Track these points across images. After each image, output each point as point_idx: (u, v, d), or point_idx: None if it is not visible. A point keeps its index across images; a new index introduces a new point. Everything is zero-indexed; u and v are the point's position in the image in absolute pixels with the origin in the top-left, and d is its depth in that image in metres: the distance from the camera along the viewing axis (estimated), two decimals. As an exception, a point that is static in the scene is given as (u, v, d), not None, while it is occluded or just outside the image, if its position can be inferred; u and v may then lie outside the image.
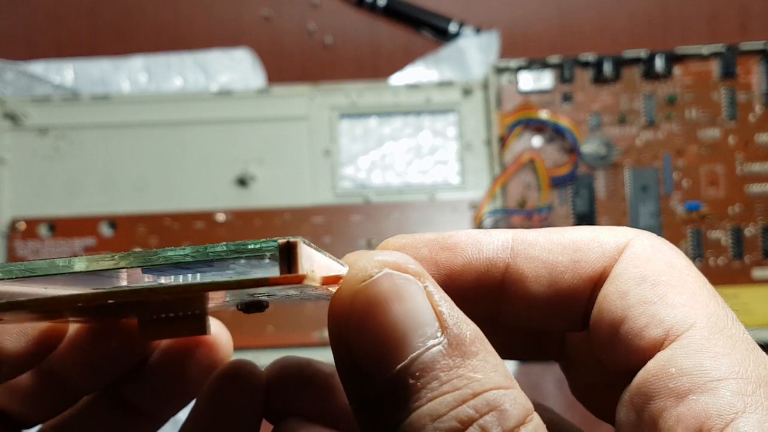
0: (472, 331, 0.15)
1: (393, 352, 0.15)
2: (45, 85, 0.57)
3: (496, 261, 0.18)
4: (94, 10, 0.60)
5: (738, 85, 0.55)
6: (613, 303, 0.17)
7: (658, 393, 0.15)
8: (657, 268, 0.17)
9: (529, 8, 0.59)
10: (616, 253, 0.17)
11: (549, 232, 0.18)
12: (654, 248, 0.17)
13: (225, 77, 0.58)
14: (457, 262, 0.18)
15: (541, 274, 0.18)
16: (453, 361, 0.15)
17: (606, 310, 0.17)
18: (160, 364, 0.22)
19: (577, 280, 0.17)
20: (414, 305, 0.15)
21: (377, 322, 0.15)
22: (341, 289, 0.15)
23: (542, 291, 0.18)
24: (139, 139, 0.55)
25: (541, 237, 0.18)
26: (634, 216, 0.54)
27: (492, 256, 0.18)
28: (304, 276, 0.14)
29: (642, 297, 0.16)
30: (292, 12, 0.59)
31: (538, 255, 0.18)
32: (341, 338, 0.15)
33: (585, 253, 0.18)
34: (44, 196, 0.55)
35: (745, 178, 0.54)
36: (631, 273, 0.17)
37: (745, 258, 0.54)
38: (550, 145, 0.55)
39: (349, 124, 0.57)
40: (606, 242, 0.18)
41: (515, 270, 0.18)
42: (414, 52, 0.58)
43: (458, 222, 0.54)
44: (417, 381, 0.15)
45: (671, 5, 0.59)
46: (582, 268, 0.17)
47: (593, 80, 0.55)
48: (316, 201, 0.55)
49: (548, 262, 0.18)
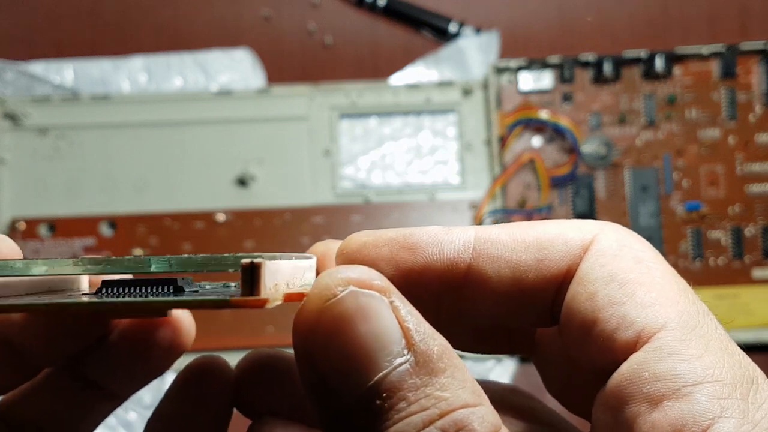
0: (439, 346, 0.15)
1: (360, 372, 0.15)
2: (45, 85, 0.57)
3: (457, 261, 0.17)
4: (94, 10, 0.60)
5: (738, 85, 0.55)
6: (582, 304, 0.16)
7: (633, 397, 0.15)
8: (624, 265, 0.16)
9: (529, 8, 0.59)
10: (581, 251, 0.17)
11: (512, 229, 0.18)
12: (620, 243, 0.17)
13: (225, 77, 0.58)
14: (417, 262, 0.18)
15: (504, 273, 0.17)
16: (420, 380, 0.15)
17: (575, 311, 0.16)
18: (119, 341, 0.21)
19: (541, 279, 0.17)
20: (380, 323, 0.15)
21: (343, 342, 0.15)
22: (306, 307, 0.15)
23: (506, 290, 0.17)
24: (139, 139, 0.55)
25: (504, 235, 0.18)
26: (634, 216, 0.54)
27: (453, 257, 0.17)
28: (265, 300, 0.14)
29: (611, 297, 0.16)
30: (292, 12, 0.59)
31: (500, 254, 0.17)
32: (307, 356, 0.15)
33: (549, 252, 0.17)
34: (44, 196, 0.55)
35: (745, 178, 0.54)
36: (598, 272, 0.16)
37: (745, 258, 0.54)
38: (550, 145, 0.55)
39: (349, 124, 0.57)
40: (571, 239, 0.17)
41: (477, 270, 0.17)
42: (414, 52, 0.58)
43: (458, 222, 0.54)
44: (385, 402, 0.14)
45: (671, 5, 0.59)
46: (546, 267, 0.17)
47: (593, 80, 0.55)
48: (316, 201, 0.55)
49: (511, 262, 0.17)
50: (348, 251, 0.18)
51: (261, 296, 0.14)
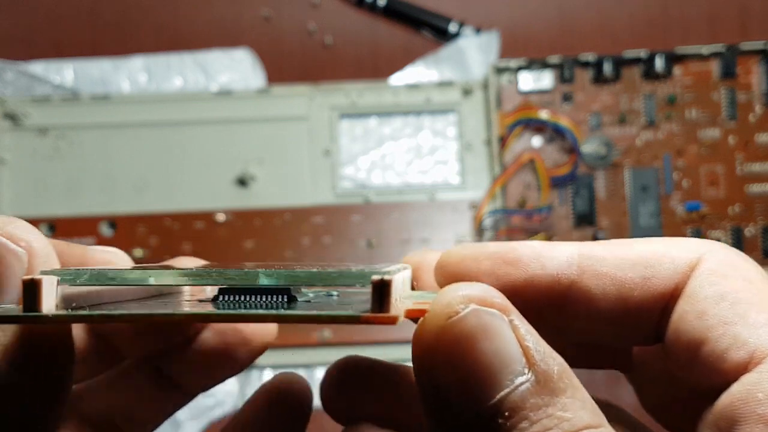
0: (559, 365, 0.15)
1: (483, 389, 0.15)
2: (45, 85, 0.57)
3: (561, 277, 0.17)
4: (94, 10, 0.60)
5: (738, 85, 0.55)
6: (691, 323, 0.16)
7: (745, 418, 0.15)
8: (734, 285, 0.16)
9: (529, 8, 0.59)
10: (689, 269, 0.17)
11: (615, 246, 0.18)
12: (729, 263, 0.17)
13: (225, 77, 0.58)
14: (519, 277, 0.18)
15: (610, 291, 0.17)
16: (542, 400, 0.15)
17: (683, 330, 0.16)
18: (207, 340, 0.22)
19: (648, 297, 0.17)
20: (501, 342, 0.15)
21: (466, 359, 0.15)
22: (427, 323, 0.15)
23: (610, 308, 0.17)
24: (139, 139, 0.56)
25: (608, 252, 0.18)
26: (634, 216, 0.54)
27: (557, 272, 0.17)
28: (396, 317, 0.14)
29: (722, 317, 0.16)
30: (292, 12, 0.59)
31: (606, 271, 0.17)
32: (428, 372, 0.15)
33: (656, 270, 0.17)
34: (44, 195, 0.55)
35: (745, 178, 0.54)
36: (707, 291, 0.16)
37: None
38: (550, 145, 0.55)
39: (349, 124, 0.57)
40: (677, 257, 0.17)
41: (581, 286, 0.17)
42: (414, 52, 0.58)
43: (458, 222, 0.54)
44: (507, 420, 0.14)
45: (671, 5, 0.59)
46: (653, 285, 0.17)
47: (593, 80, 0.55)
48: (316, 201, 0.55)
49: (617, 279, 0.17)
50: (448, 264, 0.18)
51: (391, 313, 0.14)
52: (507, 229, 0.53)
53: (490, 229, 0.54)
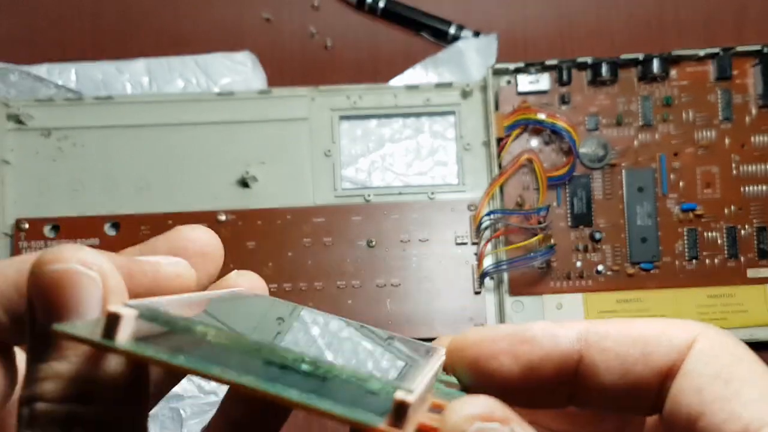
0: None
1: None
2: (48, 86, 0.58)
3: (572, 353, 0.19)
4: (96, 13, 0.60)
5: (734, 87, 0.55)
6: (689, 398, 0.18)
7: None
8: (727, 364, 0.18)
9: (528, 12, 0.60)
10: (685, 348, 0.19)
11: (619, 324, 0.20)
12: (721, 343, 0.19)
13: (226, 79, 0.58)
14: (535, 354, 0.19)
15: (613, 365, 0.19)
16: None
17: (682, 404, 0.18)
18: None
19: (647, 372, 0.19)
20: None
21: None
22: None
23: (614, 381, 0.19)
24: (141, 140, 0.56)
25: (612, 329, 0.19)
26: (631, 216, 0.55)
27: (568, 348, 0.19)
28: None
29: (718, 393, 0.18)
30: (292, 15, 0.60)
31: (610, 347, 0.19)
32: None
33: (655, 347, 0.19)
34: (48, 196, 0.56)
35: (740, 179, 0.55)
36: (702, 369, 0.18)
37: (741, 258, 0.54)
38: (548, 146, 0.55)
39: (350, 125, 0.57)
40: (675, 336, 0.19)
41: (589, 361, 0.19)
42: (414, 55, 0.59)
43: (457, 222, 0.55)
44: None
45: (667, 9, 0.60)
46: (653, 362, 0.19)
47: (590, 82, 0.55)
48: (317, 201, 0.55)
49: (620, 355, 0.19)
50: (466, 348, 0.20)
51: (404, 430, 0.14)
52: (505, 229, 0.54)
53: (488, 229, 0.55)
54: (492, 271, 0.53)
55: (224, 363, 0.14)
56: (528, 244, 0.53)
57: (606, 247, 0.55)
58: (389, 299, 0.54)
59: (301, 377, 0.15)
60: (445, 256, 0.55)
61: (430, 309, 0.54)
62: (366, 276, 0.54)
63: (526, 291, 0.54)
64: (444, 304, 0.54)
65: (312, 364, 0.15)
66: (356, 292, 0.54)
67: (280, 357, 0.15)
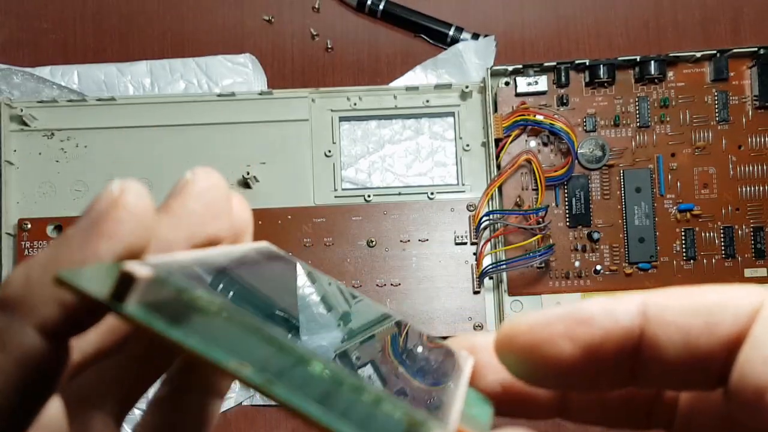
0: None
1: None
2: (51, 88, 0.58)
3: (633, 329, 0.18)
4: (99, 16, 0.61)
5: (730, 88, 0.56)
6: (758, 369, 0.17)
7: None
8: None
9: (526, 14, 0.60)
10: (750, 316, 0.17)
11: (678, 295, 0.18)
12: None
13: (227, 81, 0.59)
14: (596, 334, 0.18)
15: (675, 339, 0.18)
16: None
17: (749, 375, 0.17)
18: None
19: (713, 343, 0.17)
20: None
21: None
22: None
23: (677, 355, 0.18)
24: (143, 141, 0.57)
25: (673, 300, 0.18)
26: (629, 217, 0.55)
27: (628, 325, 0.18)
28: None
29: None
30: (293, 17, 0.61)
31: (672, 320, 0.18)
32: None
33: (719, 316, 0.17)
34: (51, 197, 0.56)
35: (737, 179, 0.55)
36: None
37: (738, 258, 0.55)
38: (547, 147, 0.56)
39: (350, 126, 0.58)
40: (739, 304, 0.18)
41: (651, 336, 0.18)
42: (413, 57, 0.60)
43: (456, 222, 0.55)
44: None
45: (665, 11, 0.60)
46: (717, 332, 0.17)
47: (588, 84, 0.56)
48: (317, 202, 0.56)
49: (682, 327, 0.18)
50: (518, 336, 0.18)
51: None
52: (504, 229, 0.54)
53: (487, 229, 0.55)
54: (491, 271, 0.54)
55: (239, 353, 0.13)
56: (527, 244, 0.53)
57: (604, 247, 0.55)
58: (389, 299, 0.55)
59: (314, 380, 0.13)
60: (444, 256, 0.55)
61: (430, 308, 0.54)
62: (366, 276, 0.55)
63: (524, 291, 0.55)
64: (443, 303, 0.55)
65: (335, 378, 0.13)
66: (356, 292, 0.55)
67: (299, 358, 0.13)
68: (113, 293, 0.13)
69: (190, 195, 0.19)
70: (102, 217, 0.15)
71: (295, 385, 0.13)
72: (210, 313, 0.13)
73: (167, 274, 0.13)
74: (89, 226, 0.15)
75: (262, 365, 0.13)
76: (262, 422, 0.55)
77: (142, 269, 0.13)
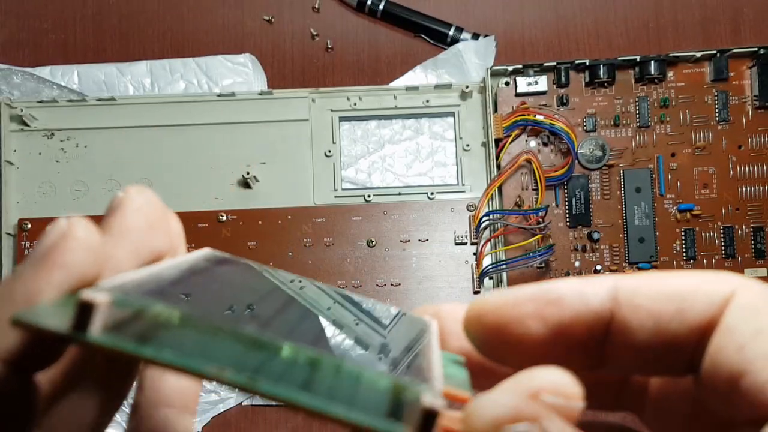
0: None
1: None
2: (51, 88, 0.58)
3: (603, 311, 0.17)
4: (99, 16, 0.61)
5: (730, 88, 0.56)
6: (730, 356, 0.17)
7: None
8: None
9: (526, 14, 0.60)
10: (724, 302, 0.17)
11: (650, 279, 0.18)
12: (764, 297, 0.17)
13: (227, 81, 0.59)
14: (565, 315, 0.18)
15: (646, 323, 0.17)
16: None
17: (722, 363, 0.17)
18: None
19: (683, 329, 0.17)
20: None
21: None
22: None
23: (647, 339, 0.17)
24: (143, 141, 0.57)
25: (644, 284, 0.18)
26: (629, 216, 0.55)
27: (598, 307, 0.17)
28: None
29: (761, 350, 0.16)
30: (293, 17, 0.61)
31: (642, 304, 0.17)
32: None
33: (690, 303, 0.17)
34: (51, 197, 0.56)
35: (737, 179, 0.55)
36: (744, 326, 0.17)
37: (738, 258, 0.55)
38: (547, 147, 0.56)
39: (350, 126, 0.58)
40: (711, 291, 0.17)
41: (621, 319, 0.17)
42: (413, 57, 0.60)
43: (456, 222, 0.55)
44: None
45: (665, 11, 0.60)
46: (688, 318, 0.17)
47: (588, 84, 0.56)
48: (317, 202, 0.56)
49: (653, 311, 0.17)
50: (487, 314, 0.18)
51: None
52: (504, 229, 0.54)
53: (487, 229, 0.55)
54: (491, 271, 0.54)
55: (215, 357, 0.13)
56: (527, 244, 0.53)
57: (604, 247, 0.55)
58: (389, 299, 0.55)
59: (288, 368, 0.13)
60: (444, 256, 0.55)
61: (430, 308, 0.54)
62: (366, 275, 0.55)
63: (524, 290, 0.55)
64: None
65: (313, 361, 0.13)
66: (356, 292, 0.55)
67: (268, 346, 0.13)
68: (74, 324, 0.13)
69: (127, 211, 0.19)
70: (52, 248, 0.15)
71: (276, 376, 0.12)
72: (174, 324, 0.13)
73: (124, 295, 0.13)
74: (41, 257, 0.15)
75: (239, 364, 0.13)
76: (262, 422, 0.55)
77: (98, 295, 0.13)
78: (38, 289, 0.15)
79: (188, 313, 0.13)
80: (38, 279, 0.15)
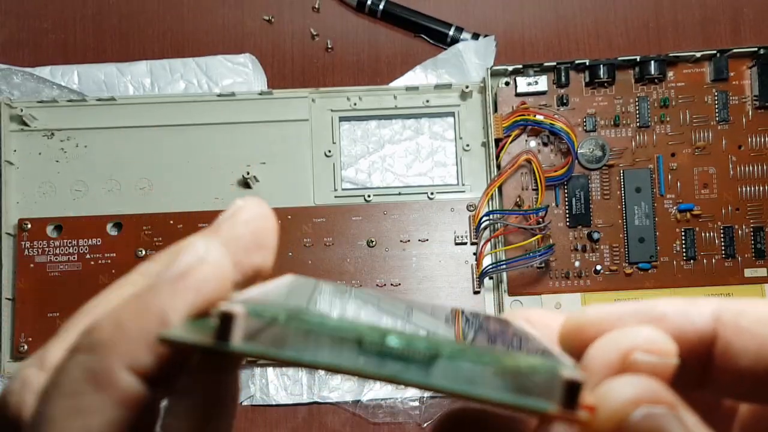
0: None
1: None
2: (51, 88, 0.58)
3: (706, 331, 0.17)
4: (99, 16, 0.61)
5: (730, 88, 0.56)
6: None
7: None
8: None
9: (526, 14, 0.60)
10: None
11: (754, 303, 0.17)
12: None
13: (227, 81, 0.59)
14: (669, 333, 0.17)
15: (750, 346, 0.17)
16: None
17: None
18: None
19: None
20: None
21: None
22: (599, 424, 0.15)
23: (749, 364, 0.17)
24: (143, 141, 0.57)
25: (749, 308, 0.17)
26: (629, 216, 0.55)
27: (702, 327, 0.17)
28: (584, 421, 0.13)
29: None
30: (293, 17, 0.61)
31: (746, 327, 0.17)
32: None
33: None
34: (51, 197, 0.56)
35: (737, 179, 0.55)
36: None
37: (738, 258, 0.55)
38: (547, 147, 0.56)
39: (350, 126, 0.58)
40: None
41: (724, 341, 0.17)
42: (413, 57, 0.60)
43: (456, 222, 0.55)
44: None
45: (665, 11, 0.60)
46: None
47: (588, 84, 0.56)
48: (317, 202, 0.56)
49: (757, 336, 0.17)
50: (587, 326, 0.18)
51: (580, 416, 0.13)
52: (504, 229, 0.54)
53: (487, 229, 0.55)
54: (491, 271, 0.54)
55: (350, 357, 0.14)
56: (527, 244, 0.53)
57: (604, 247, 0.55)
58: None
59: (407, 362, 0.14)
60: (444, 256, 0.55)
61: (430, 308, 0.54)
62: (366, 275, 0.55)
63: (524, 291, 0.55)
64: (443, 303, 0.55)
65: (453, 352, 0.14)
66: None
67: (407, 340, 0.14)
68: (217, 335, 0.14)
69: (239, 220, 0.19)
70: (189, 271, 0.16)
71: (450, 375, 0.14)
72: (326, 329, 0.14)
73: (260, 307, 0.14)
74: (177, 278, 0.16)
75: (371, 359, 0.14)
76: (262, 422, 0.55)
77: (236, 307, 0.14)
78: (173, 308, 0.15)
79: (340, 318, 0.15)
80: (175, 299, 0.16)
